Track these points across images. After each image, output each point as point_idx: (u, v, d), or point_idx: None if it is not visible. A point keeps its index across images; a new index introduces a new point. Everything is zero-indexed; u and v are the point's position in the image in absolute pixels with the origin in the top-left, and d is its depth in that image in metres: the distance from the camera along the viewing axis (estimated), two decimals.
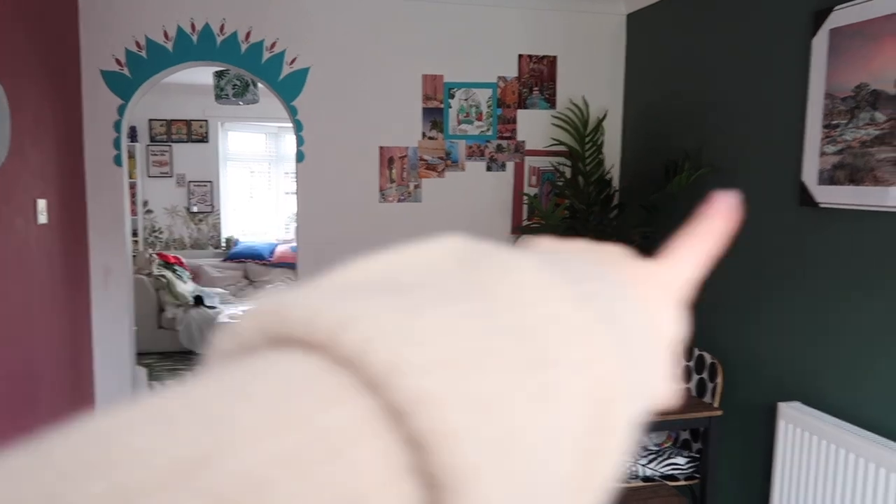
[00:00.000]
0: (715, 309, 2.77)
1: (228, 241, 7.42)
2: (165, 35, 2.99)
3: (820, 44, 2.22)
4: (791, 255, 2.37)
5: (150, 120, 7.06)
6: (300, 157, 3.18)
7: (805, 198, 2.26)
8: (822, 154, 2.20)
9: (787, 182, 2.36)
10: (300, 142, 3.17)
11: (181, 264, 6.74)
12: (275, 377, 0.16)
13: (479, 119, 3.35)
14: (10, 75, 2.03)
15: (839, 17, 2.15)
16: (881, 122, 2.01)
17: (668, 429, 2.29)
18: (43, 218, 2.30)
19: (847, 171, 2.10)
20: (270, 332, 0.17)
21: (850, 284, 2.13)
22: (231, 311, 5.80)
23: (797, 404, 2.29)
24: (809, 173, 2.24)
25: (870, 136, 2.05)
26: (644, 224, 3.09)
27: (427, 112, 3.29)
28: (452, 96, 3.31)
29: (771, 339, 2.46)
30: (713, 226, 0.29)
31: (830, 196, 2.16)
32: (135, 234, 6.91)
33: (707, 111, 2.84)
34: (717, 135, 2.77)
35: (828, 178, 2.17)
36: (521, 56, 3.38)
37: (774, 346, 2.44)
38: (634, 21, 3.40)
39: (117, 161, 2.99)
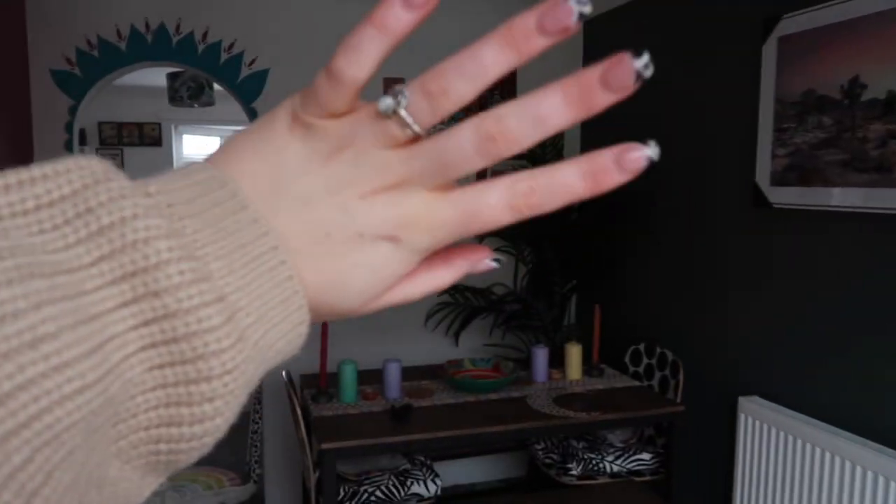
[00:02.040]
0: (674, 307, 2.85)
1: None
2: (118, 34, 2.91)
3: (769, 51, 2.31)
4: (747, 253, 2.45)
5: (100, 123, 6.85)
6: None
7: (759, 198, 2.34)
8: (774, 156, 2.29)
9: (742, 183, 2.45)
10: None
11: None
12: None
13: (443, 124, 3.36)
14: None
15: (788, 26, 2.24)
16: (827, 125, 2.11)
17: (632, 425, 2.34)
18: None
19: (797, 173, 2.19)
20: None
21: (804, 282, 2.22)
22: None
23: (756, 398, 2.37)
24: (762, 175, 2.33)
25: (817, 139, 2.14)
26: (605, 227, 3.15)
27: None
28: None
29: (730, 336, 2.54)
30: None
31: (782, 196, 2.25)
32: None
33: (664, 115, 2.92)
34: (673, 138, 2.86)
35: (780, 179, 2.26)
36: None
37: (733, 342, 2.52)
38: (591, 28, 3.47)
39: None
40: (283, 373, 2.43)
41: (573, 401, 2.44)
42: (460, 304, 3.40)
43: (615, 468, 2.56)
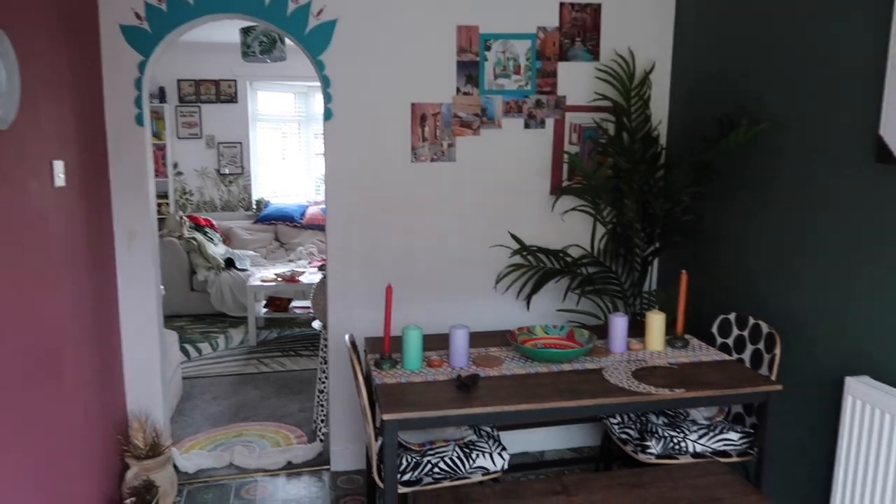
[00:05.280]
0: (773, 275, 2.57)
1: (259, 203, 7.35)
2: None
3: None
4: (864, 217, 2.15)
5: (179, 80, 6.96)
6: (328, 114, 3.03)
7: (883, 153, 2.03)
8: None
9: (862, 136, 2.14)
10: (328, 98, 3.01)
11: (212, 226, 6.71)
12: None
13: (518, 73, 3.14)
14: (19, 24, 1.91)
15: None
16: None
17: (721, 404, 2.13)
18: (60, 181, 2.20)
19: None
20: None
21: None
22: (262, 274, 5.75)
23: (866, 378, 2.11)
24: (889, 125, 2.01)
25: None
26: (694, 184, 2.88)
27: (462, 66, 3.10)
28: (489, 48, 3.10)
29: (837, 309, 2.26)
30: None
31: None
32: (165, 196, 6.88)
33: (767, 58, 2.59)
34: (779, 84, 2.53)
35: None
36: (562, 4, 3.14)
37: (841, 315, 2.25)
38: None
39: (139, 120, 2.88)
40: (347, 336, 2.35)
41: (654, 375, 2.25)
42: (532, 266, 3.23)
43: (699, 447, 2.36)
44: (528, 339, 2.52)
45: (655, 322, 2.48)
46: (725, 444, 2.37)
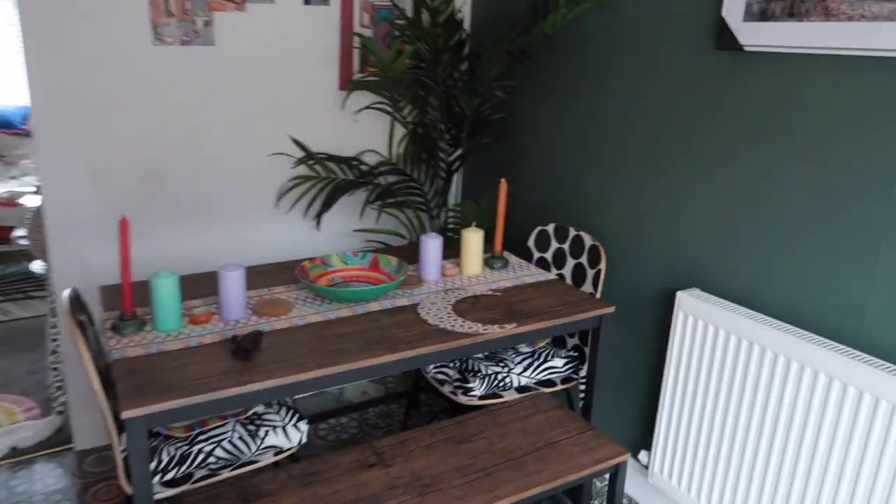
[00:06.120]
0: (596, 182, 2.32)
1: None
2: None
3: None
4: (701, 113, 1.92)
5: None
6: None
7: (725, 39, 1.77)
8: None
9: (701, 19, 1.86)
10: None
11: None
12: None
13: None
14: None
15: None
16: None
17: (555, 333, 1.86)
18: None
19: (786, 3, 1.63)
20: None
21: (773, 153, 1.74)
22: None
23: (696, 290, 1.95)
24: (732, 7, 1.75)
25: None
26: (507, 76, 2.49)
27: None
28: None
29: (665, 219, 2.07)
30: None
31: (761, 36, 1.69)
32: None
33: None
34: None
35: (758, 12, 1.69)
36: None
37: (673, 223, 2.05)
38: None
39: None
40: (66, 292, 1.64)
41: (478, 307, 1.89)
42: (322, 177, 2.68)
43: (524, 380, 2.10)
44: (322, 274, 2.01)
45: (473, 241, 2.11)
46: (550, 373, 2.13)
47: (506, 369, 2.07)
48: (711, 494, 1.93)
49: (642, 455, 2.22)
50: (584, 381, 2.19)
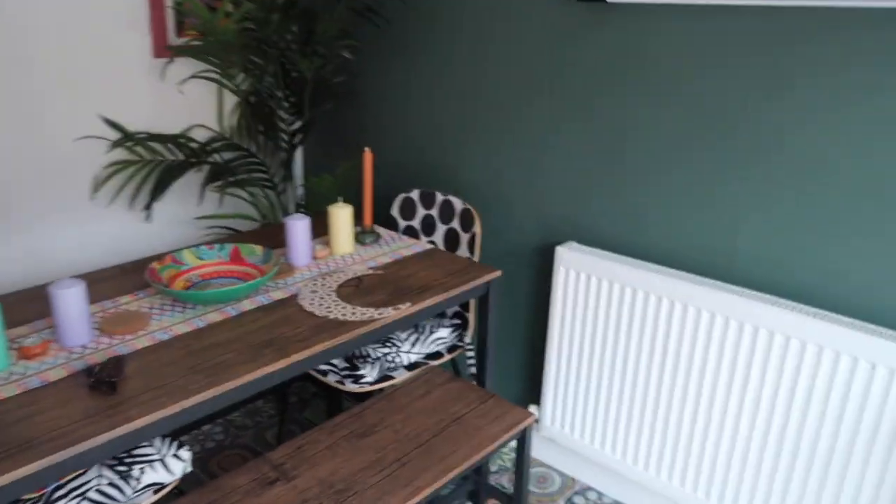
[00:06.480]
0: (455, 141, 2.24)
1: None
2: None
3: None
4: (561, 65, 1.90)
5: None
6: None
7: None
8: None
9: None
10: None
11: None
12: None
13: None
14: None
15: None
16: None
17: (449, 306, 1.77)
18: None
19: None
20: None
21: (631, 100, 1.77)
22: None
23: (573, 244, 1.97)
24: None
25: None
26: (349, 35, 2.30)
27: None
28: None
29: (531, 172, 2.05)
30: None
31: None
32: None
33: None
34: None
35: None
36: None
37: (539, 182, 2.04)
38: None
39: None
40: None
41: (363, 289, 1.75)
42: (146, 161, 2.33)
43: (413, 357, 2.00)
44: (176, 275, 1.74)
45: (342, 218, 1.95)
46: (438, 345, 2.06)
47: (394, 349, 1.96)
48: (605, 436, 2.01)
49: (531, 409, 2.25)
50: (469, 346, 2.15)
